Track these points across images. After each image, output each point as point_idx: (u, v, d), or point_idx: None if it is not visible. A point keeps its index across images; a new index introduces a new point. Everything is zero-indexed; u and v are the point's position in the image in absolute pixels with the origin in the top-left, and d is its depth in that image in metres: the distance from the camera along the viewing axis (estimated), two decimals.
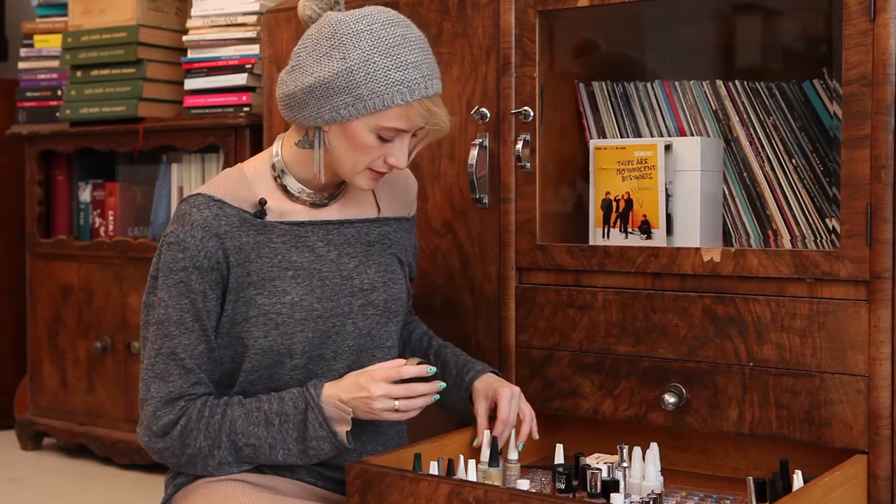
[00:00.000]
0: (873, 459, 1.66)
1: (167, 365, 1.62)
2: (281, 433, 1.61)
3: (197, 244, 1.61)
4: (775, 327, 1.74)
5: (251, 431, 1.61)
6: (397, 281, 1.77)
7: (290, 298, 1.65)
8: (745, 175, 1.99)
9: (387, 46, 1.59)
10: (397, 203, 1.85)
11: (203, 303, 1.62)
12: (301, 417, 1.60)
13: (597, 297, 1.91)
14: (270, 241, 1.67)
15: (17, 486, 2.95)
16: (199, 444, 1.61)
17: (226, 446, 1.62)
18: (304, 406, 1.60)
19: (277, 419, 1.61)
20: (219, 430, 1.61)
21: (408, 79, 1.58)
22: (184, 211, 1.65)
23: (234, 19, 2.93)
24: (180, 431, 1.61)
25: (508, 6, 2.01)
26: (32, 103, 3.38)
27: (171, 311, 1.62)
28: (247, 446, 1.62)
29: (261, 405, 1.63)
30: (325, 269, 1.70)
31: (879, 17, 1.65)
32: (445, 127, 1.66)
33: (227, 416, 1.62)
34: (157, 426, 1.62)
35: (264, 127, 2.44)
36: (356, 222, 1.76)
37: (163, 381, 1.62)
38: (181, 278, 1.62)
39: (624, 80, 2.12)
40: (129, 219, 3.28)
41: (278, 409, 1.62)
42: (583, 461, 1.72)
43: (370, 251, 1.76)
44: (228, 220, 1.64)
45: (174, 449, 1.62)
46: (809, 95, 1.97)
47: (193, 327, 1.63)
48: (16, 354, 3.65)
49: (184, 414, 1.62)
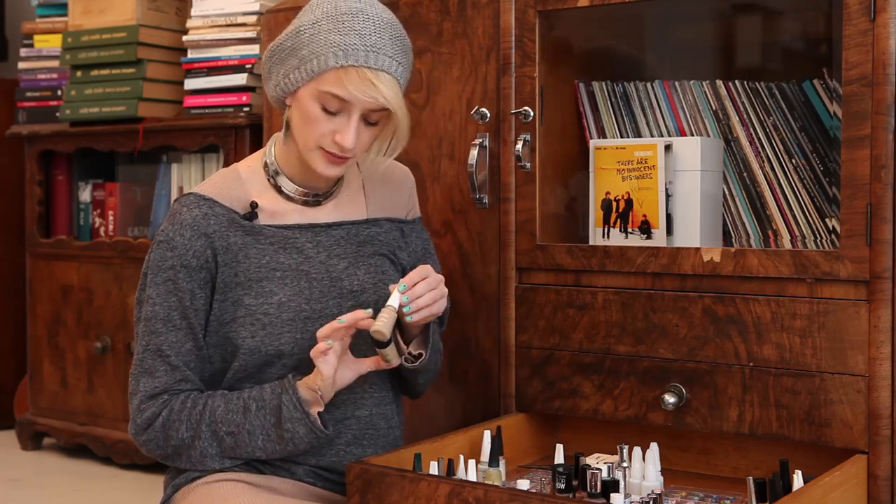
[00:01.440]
0: (873, 459, 1.66)
1: (154, 361, 1.65)
2: (258, 418, 1.61)
3: (185, 243, 1.63)
4: (775, 327, 1.74)
5: (230, 419, 1.62)
6: (388, 281, 1.76)
7: (277, 299, 1.66)
8: (745, 175, 1.99)
9: (337, 13, 1.60)
10: (388, 203, 1.83)
11: (191, 301, 1.64)
12: (276, 402, 1.61)
13: (597, 297, 1.91)
14: (258, 243, 1.68)
15: (17, 486, 2.95)
16: (181, 434, 1.63)
17: (206, 436, 1.63)
18: (280, 390, 1.62)
19: (255, 404, 1.62)
20: (199, 420, 1.63)
21: (346, 43, 1.58)
22: (175, 210, 1.67)
23: (234, 19, 2.93)
24: (162, 423, 1.63)
25: (508, 6, 2.01)
26: (32, 103, 3.38)
27: (159, 309, 1.64)
28: (227, 435, 1.62)
29: (241, 394, 1.64)
30: (313, 270, 1.70)
31: (879, 17, 1.65)
32: (394, 108, 1.61)
33: (208, 405, 1.63)
34: (140, 419, 1.65)
35: (264, 127, 2.44)
36: (346, 224, 1.76)
37: (149, 377, 1.65)
38: (169, 276, 1.64)
39: (624, 80, 2.12)
40: (129, 219, 3.28)
41: (257, 395, 1.63)
42: (583, 461, 1.72)
43: (360, 252, 1.75)
44: (217, 219, 1.66)
45: (158, 441, 1.64)
46: (809, 95, 1.97)
47: (181, 325, 1.64)
48: (16, 354, 3.65)
49: (166, 406, 1.64)
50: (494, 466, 1.71)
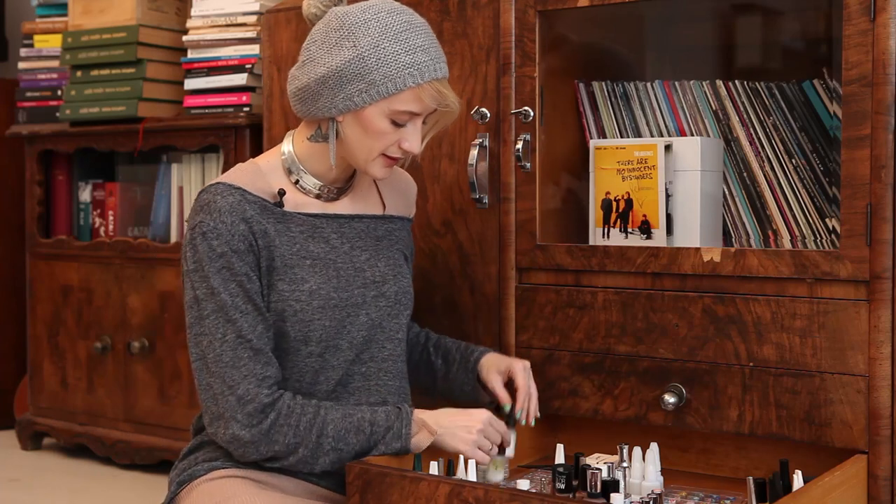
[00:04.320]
0: (873, 459, 1.66)
1: (235, 351, 1.60)
2: (369, 443, 1.63)
3: (229, 228, 1.62)
4: (775, 327, 1.74)
5: (342, 437, 1.62)
6: (405, 275, 1.81)
7: (308, 286, 1.67)
8: (745, 175, 1.99)
9: (395, 32, 1.63)
10: (400, 202, 1.88)
11: (249, 283, 1.63)
12: (385, 422, 1.64)
13: (597, 297, 1.91)
14: (289, 230, 1.69)
15: (17, 486, 2.95)
16: (288, 440, 1.61)
17: (312, 446, 1.61)
18: (395, 417, 1.64)
19: (369, 427, 1.63)
20: (309, 430, 1.61)
21: (417, 62, 1.62)
22: (207, 200, 1.65)
23: (234, 19, 2.93)
24: (270, 425, 1.60)
25: (508, 6, 2.01)
26: (32, 103, 3.38)
27: (226, 297, 1.61)
28: (333, 450, 1.62)
29: (355, 412, 1.65)
30: (339, 260, 1.72)
31: (879, 17, 1.65)
32: (455, 109, 1.70)
33: (320, 416, 1.62)
34: (241, 414, 1.59)
35: (264, 127, 2.44)
36: (365, 217, 1.79)
37: (234, 369, 1.60)
38: (223, 264, 1.62)
39: (624, 80, 2.12)
40: (129, 219, 3.28)
41: (371, 418, 1.63)
42: (583, 461, 1.72)
43: (379, 245, 1.79)
44: (251, 205, 1.66)
45: (259, 444, 1.60)
46: (809, 95, 1.97)
47: (248, 308, 1.62)
48: (16, 354, 3.65)
49: (274, 406, 1.60)
50: (501, 455, 1.71)
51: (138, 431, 3.03)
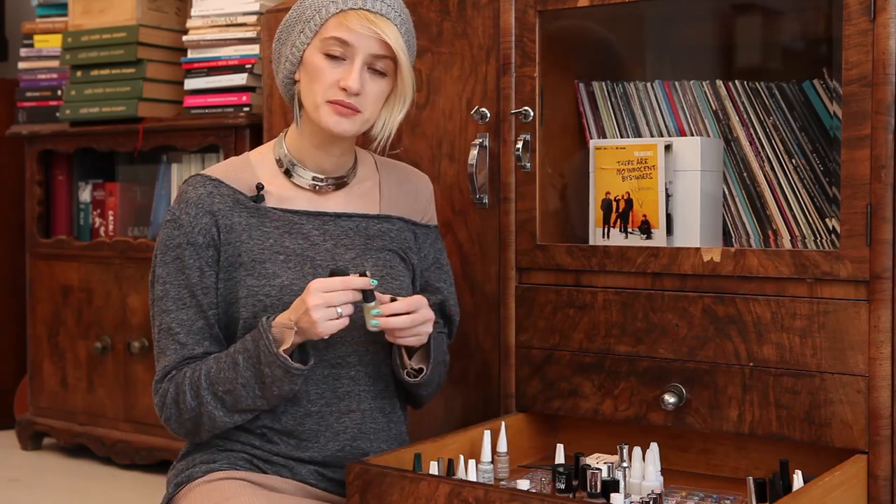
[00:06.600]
0: (873, 459, 1.66)
1: (165, 341, 1.66)
2: (247, 369, 1.60)
3: (191, 220, 1.66)
4: (775, 327, 1.74)
5: (223, 377, 1.61)
6: (396, 276, 1.77)
7: (279, 281, 1.67)
8: (745, 175, 1.99)
9: None
10: (404, 204, 1.84)
11: (199, 279, 1.65)
12: (257, 349, 1.59)
13: (597, 297, 1.91)
14: (263, 225, 1.69)
15: (17, 486, 2.95)
16: (189, 404, 1.63)
17: (208, 399, 1.62)
18: (258, 335, 1.60)
19: (241, 357, 1.61)
20: (198, 386, 1.62)
21: None
22: (182, 190, 1.72)
23: (234, 19, 2.93)
24: (172, 399, 1.65)
25: (508, 6, 2.01)
26: (32, 103, 3.38)
27: (169, 287, 1.66)
28: (225, 394, 1.62)
29: (230, 350, 1.64)
30: (318, 257, 1.71)
31: (879, 17, 1.65)
32: (399, 54, 1.65)
33: (202, 369, 1.63)
34: (157, 401, 1.67)
35: (264, 127, 2.45)
36: (356, 216, 1.77)
37: (163, 357, 1.67)
38: (177, 255, 1.66)
39: (624, 80, 2.12)
40: (129, 219, 3.28)
41: (241, 346, 1.62)
42: (583, 461, 1.72)
43: (369, 245, 1.76)
44: (223, 198, 1.68)
45: (175, 417, 1.66)
46: (809, 95, 1.97)
47: (190, 303, 1.65)
48: (16, 354, 3.65)
49: (172, 382, 1.65)
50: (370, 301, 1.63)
51: (138, 431, 3.03)
